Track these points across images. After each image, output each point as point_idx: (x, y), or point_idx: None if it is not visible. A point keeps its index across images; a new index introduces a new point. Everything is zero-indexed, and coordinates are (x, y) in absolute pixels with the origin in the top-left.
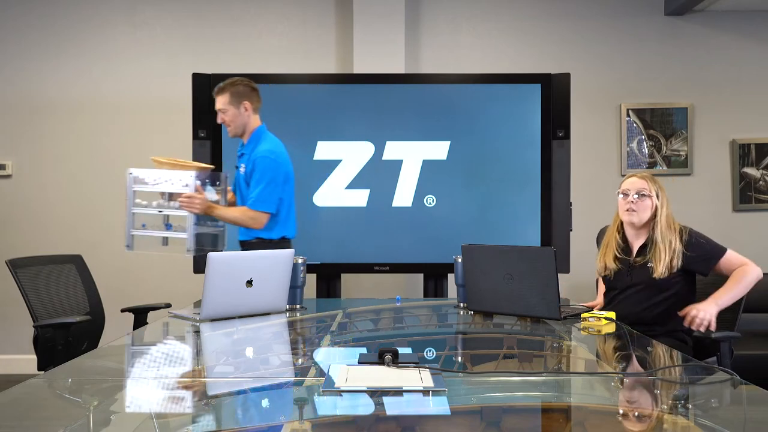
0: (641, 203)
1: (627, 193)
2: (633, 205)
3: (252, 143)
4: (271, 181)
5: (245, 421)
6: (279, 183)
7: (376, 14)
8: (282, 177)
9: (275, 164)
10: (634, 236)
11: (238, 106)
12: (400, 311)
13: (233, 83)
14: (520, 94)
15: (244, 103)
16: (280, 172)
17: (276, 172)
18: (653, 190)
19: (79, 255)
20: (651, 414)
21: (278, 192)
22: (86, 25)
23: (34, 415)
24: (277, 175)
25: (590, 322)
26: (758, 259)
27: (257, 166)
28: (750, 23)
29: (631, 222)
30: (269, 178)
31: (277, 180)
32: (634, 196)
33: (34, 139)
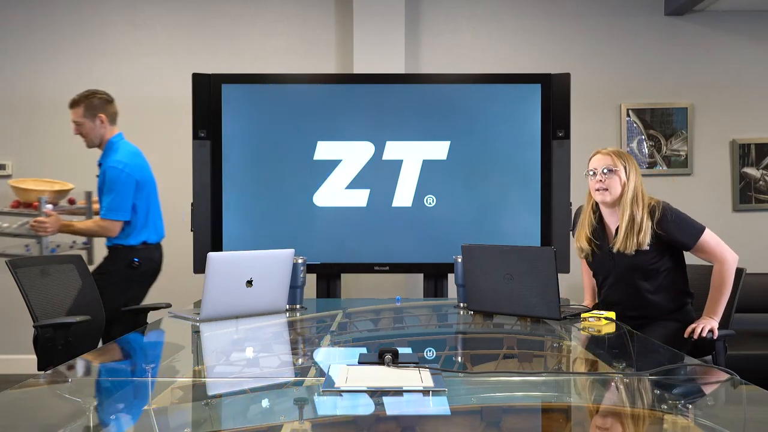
0: (610, 180)
1: (595, 171)
2: (602, 184)
3: (105, 154)
4: (120, 190)
5: (245, 421)
6: (129, 191)
7: (376, 14)
8: (132, 185)
9: (123, 174)
10: (609, 216)
11: (94, 119)
12: (400, 311)
13: (87, 96)
14: (520, 94)
15: (100, 115)
16: (129, 180)
17: (125, 181)
18: (620, 165)
19: (78, 255)
20: (651, 414)
21: (129, 200)
22: (86, 25)
23: (34, 415)
24: (126, 183)
25: (590, 322)
26: (758, 259)
27: (106, 176)
28: (750, 23)
29: (604, 201)
30: (118, 188)
31: (126, 188)
32: (602, 173)
33: (34, 139)
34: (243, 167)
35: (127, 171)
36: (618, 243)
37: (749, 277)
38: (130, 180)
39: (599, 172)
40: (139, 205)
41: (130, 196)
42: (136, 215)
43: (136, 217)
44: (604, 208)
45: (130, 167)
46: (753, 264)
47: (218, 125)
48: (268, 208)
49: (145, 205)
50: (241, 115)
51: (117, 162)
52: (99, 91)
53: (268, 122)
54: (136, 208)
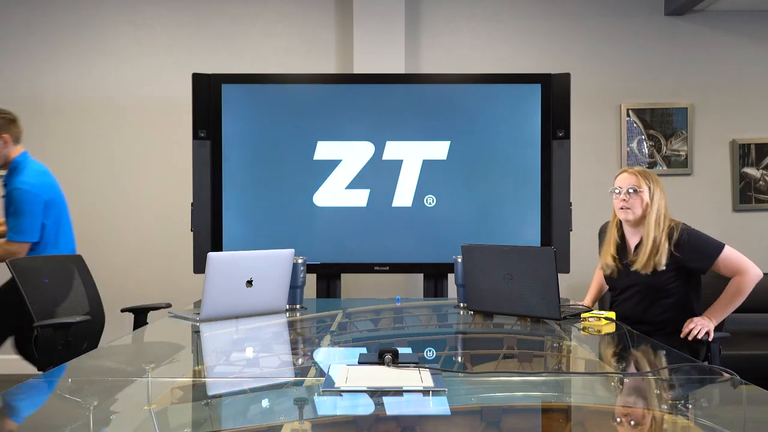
0: (633, 200)
1: (620, 190)
2: (625, 203)
3: (10, 174)
4: (28, 211)
5: (245, 421)
6: (37, 212)
7: (376, 14)
8: (40, 205)
9: (29, 195)
10: (630, 234)
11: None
12: (400, 311)
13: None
14: (520, 94)
15: (3, 136)
16: (37, 201)
17: (32, 202)
18: (644, 186)
19: (79, 255)
20: (651, 414)
21: (38, 220)
22: (86, 25)
23: (34, 415)
24: (33, 204)
25: (590, 322)
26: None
27: (13, 198)
28: (750, 23)
29: (627, 219)
30: (26, 209)
31: (34, 209)
32: (626, 193)
33: (33, 139)
34: (243, 167)
35: (34, 191)
36: (637, 263)
37: None
38: (37, 201)
39: (624, 191)
40: (48, 224)
41: (38, 217)
42: (45, 235)
43: (45, 236)
44: (627, 226)
45: (37, 187)
46: None
47: (218, 125)
48: (268, 208)
49: (55, 224)
50: (241, 115)
51: (23, 183)
52: (2, 110)
53: (268, 122)
54: (45, 227)
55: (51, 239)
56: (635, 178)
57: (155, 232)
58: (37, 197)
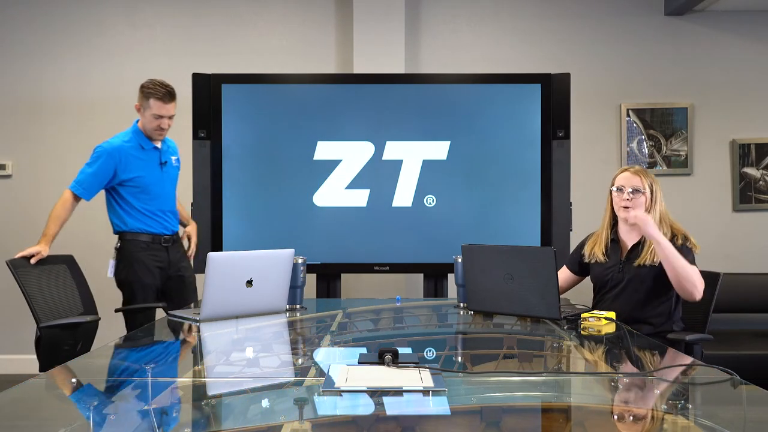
0: (636, 200)
1: (622, 189)
2: (629, 203)
3: (167, 143)
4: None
5: (245, 421)
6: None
7: (376, 14)
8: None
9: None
10: (626, 233)
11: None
12: (400, 311)
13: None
14: (520, 94)
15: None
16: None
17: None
18: (647, 186)
19: (70, 255)
20: (651, 414)
21: None
22: (86, 25)
23: (34, 415)
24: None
25: (590, 322)
26: (758, 259)
27: (177, 155)
28: (750, 23)
29: (627, 218)
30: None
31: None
32: (629, 193)
33: (34, 139)
34: (243, 167)
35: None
36: (642, 257)
37: (749, 277)
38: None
39: (626, 191)
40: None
41: None
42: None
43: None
44: (623, 225)
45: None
46: (753, 264)
47: (218, 125)
48: (268, 208)
49: None
50: (241, 115)
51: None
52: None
53: (268, 122)
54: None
55: None
56: (638, 178)
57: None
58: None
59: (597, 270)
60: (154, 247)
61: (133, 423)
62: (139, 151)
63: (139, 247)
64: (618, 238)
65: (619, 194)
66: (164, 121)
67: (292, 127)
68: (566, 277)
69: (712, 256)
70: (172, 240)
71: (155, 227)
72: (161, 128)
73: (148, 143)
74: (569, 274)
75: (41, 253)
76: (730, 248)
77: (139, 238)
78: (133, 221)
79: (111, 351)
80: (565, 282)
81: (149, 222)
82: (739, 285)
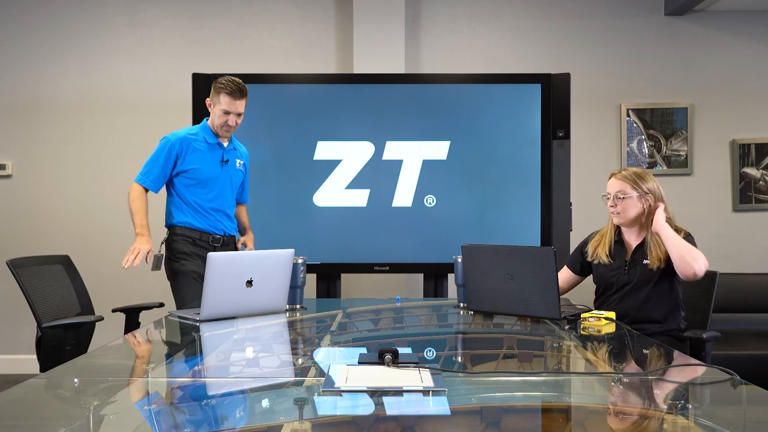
0: (621, 205)
1: (608, 195)
2: (614, 209)
3: (233, 141)
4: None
5: (245, 421)
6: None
7: (376, 14)
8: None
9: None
10: (629, 234)
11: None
12: (400, 311)
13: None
14: (520, 94)
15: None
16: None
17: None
18: (632, 191)
19: (66, 255)
20: (651, 414)
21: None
22: (86, 25)
23: (34, 415)
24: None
25: (590, 322)
26: (758, 259)
27: (247, 162)
28: (750, 23)
29: (620, 223)
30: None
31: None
32: (614, 199)
33: (34, 139)
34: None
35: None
36: (652, 261)
37: (749, 277)
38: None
39: (612, 197)
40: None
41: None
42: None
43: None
44: (624, 228)
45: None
46: (753, 264)
47: None
48: (268, 208)
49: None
50: None
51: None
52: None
53: (268, 122)
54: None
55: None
56: (621, 183)
57: (155, 232)
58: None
59: (601, 271)
60: (201, 245)
61: (133, 423)
62: (203, 144)
63: (186, 242)
64: (622, 239)
65: (607, 201)
66: (232, 117)
67: (292, 127)
68: (567, 277)
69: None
70: (222, 241)
71: (203, 224)
72: (228, 125)
73: (213, 138)
74: (570, 275)
75: (144, 251)
76: (730, 248)
77: (187, 233)
78: (180, 215)
79: (111, 351)
80: (565, 282)
81: (198, 218)
82: (739, 285)
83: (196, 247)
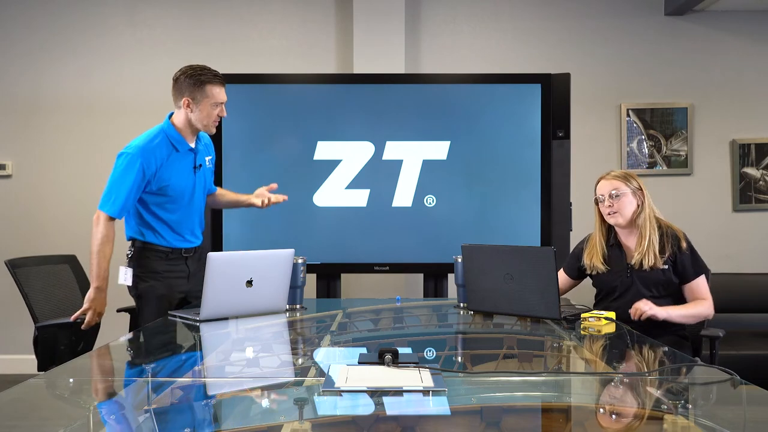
0: (618, 203)
1: (603, 197)
2: (611, 208)
3: (199, 135)
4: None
5: (245, 421)
6: None
7: (376, 14)
8: None
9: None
10: (626, 235)
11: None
12: (400, 311)
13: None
14: (520, 94)
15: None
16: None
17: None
18: (625, 188)
19: (73, 255)
20: (651, 414)
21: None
22: (86, 25)
23: (33, 415)
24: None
25: (590, 322)
26: (758, 259)
27: (212, 150)
28: (750, 23)
29: (618, 223)
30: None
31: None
32: (609, 198)
33: (34, 139)
34: (243, 167)
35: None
36: (637, 257)
37: (749, 277)
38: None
39: (607, 197)
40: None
41: None
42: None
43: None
44: (620, 230)
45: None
46: (753, 264)
47: (218, 125)
48: (268, 209)
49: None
50: (241, 115)
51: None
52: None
53: (268, 122)
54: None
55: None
56: (613, 182)
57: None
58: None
59: (602, 277)
60: (173, 258)
61: (133, 423)
62: (172, 153)
63: (158, 258)
64: (619, 242)
65: (602, 204)
66: (222, 108)
67: (292, 127)
68: (563, 280)
69: (712, 256)
70: (194, 250)
71: (177, 241)
72: (220, 116)
73: (183, 144)
74: (567, 279)
75: (101, 315)
76: (730, 248)
77: (158, 249)
78: (150, 234)
79: (111, 351)
80: (562, 285)
81: (171, 235)
82: (739, 285)
83: (167, 261)
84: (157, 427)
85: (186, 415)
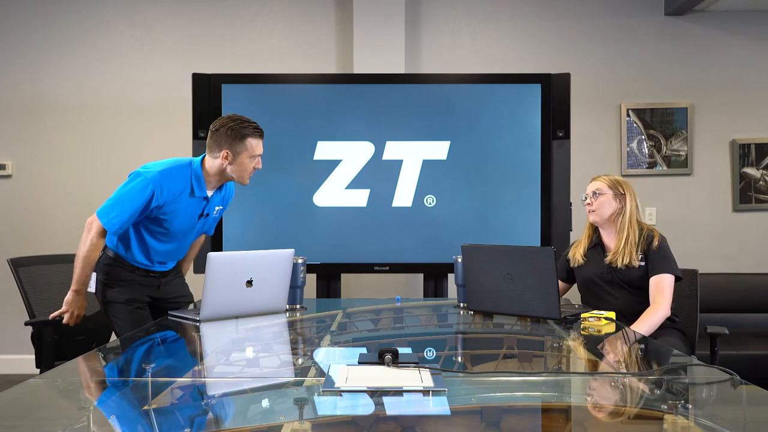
0: (597, 202)
1: (585, 197)
2: (590, 206)
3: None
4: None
5: (245, 421)
6: None
7: (376, 14)
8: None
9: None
10: (606, 235)
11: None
12: (400, 311)
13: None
14: (520, 94)
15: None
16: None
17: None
18: (608, 189)
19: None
20: (651, 414)
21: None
22: (86, 25)
23: (33, 415)
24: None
25: (590, 322)
26: (758, 259)
27: (228, 203)
28: (750, 23)
29: (594, 221)
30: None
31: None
32: (591, 197)
33: (34, 139)
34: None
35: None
36: (611, 256)
37: (749, 277)
38: None
39: (590, 196)
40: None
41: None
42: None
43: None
44: (602, 229)
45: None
46: (753, 264)
47: None
48: (268, 208)
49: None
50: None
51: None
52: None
53: (268, 122)
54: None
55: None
56: (597, 183)
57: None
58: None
59: (581, 270)
60: (141, 273)
61: (133, 423)
62: (185, 192)
63: (125, 271)
64: (601, 242)
65: (584, 201)
66: (259, 160)
67: (292, 127)
68: None
69: (711, 256)
70: (160, 273)
71: (152, 264)
72: (256, 169)
73: (201, 190)
74: (559, 282)
75: (81, 316)
76: (730, 248)
77: (125, 263)
78: (128, 254)
79: (111, 351)
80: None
81: (147, 259)
82: (739, 285)
83: (134, 273)
84: (157, 427)
85: (186, 415)
